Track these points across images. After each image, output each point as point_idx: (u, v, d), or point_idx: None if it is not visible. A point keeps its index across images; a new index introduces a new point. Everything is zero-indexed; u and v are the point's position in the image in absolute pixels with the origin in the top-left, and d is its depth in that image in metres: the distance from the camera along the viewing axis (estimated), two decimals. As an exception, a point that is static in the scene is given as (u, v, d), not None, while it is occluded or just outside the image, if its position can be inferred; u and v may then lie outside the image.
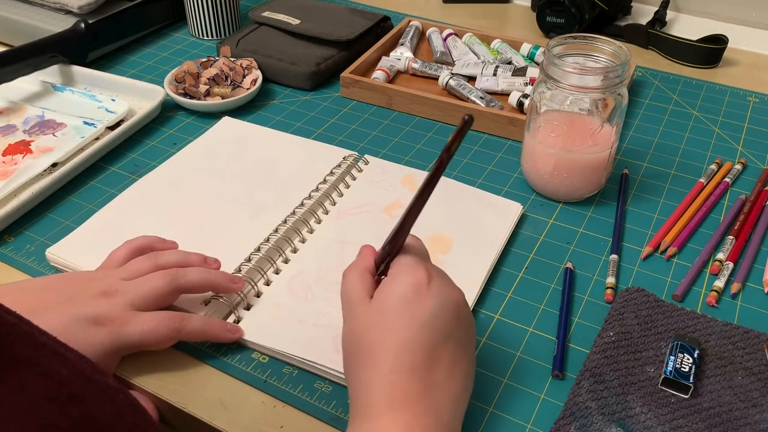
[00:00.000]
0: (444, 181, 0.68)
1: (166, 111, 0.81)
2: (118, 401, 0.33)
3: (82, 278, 0.52)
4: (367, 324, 0.43)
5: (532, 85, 0.82)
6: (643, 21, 0.99)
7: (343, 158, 0.71)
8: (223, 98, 0.80)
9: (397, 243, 0.45)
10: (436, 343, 0.42)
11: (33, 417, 0.26)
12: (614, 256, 0.61)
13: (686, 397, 0.48)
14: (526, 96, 0.80)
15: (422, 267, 0.44)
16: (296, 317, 0.54)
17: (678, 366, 0.49)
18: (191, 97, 0.80)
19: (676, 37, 0.93)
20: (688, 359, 0.49)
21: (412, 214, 0.44)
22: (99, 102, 0.80)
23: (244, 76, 0.84)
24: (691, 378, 0.48)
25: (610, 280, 0.58)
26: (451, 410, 0.42)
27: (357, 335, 0.43)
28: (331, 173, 0.69)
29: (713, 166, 0.72)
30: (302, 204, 0.65)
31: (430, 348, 0.42)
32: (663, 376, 0.49)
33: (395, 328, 0.42)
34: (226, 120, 0.78)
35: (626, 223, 0.66)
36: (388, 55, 0.89)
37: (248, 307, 0.55)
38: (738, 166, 0.72)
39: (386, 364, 0.41)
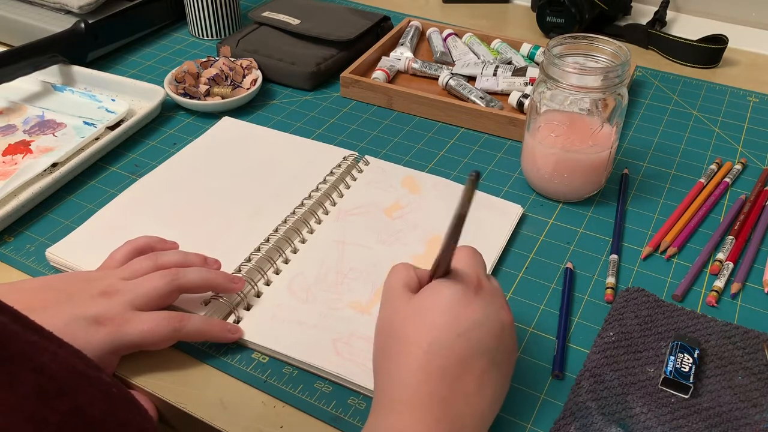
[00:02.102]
0: (442, 182, 0.69)
1: (166, 111, 0.81)
2: (112, 396, 0.33)
3: (82, 278, 0.52)
4: (404, 316, 0.43)
5: (532, 85, 0.82)
6: (643, 21, 0.99)
7: (343, 158, 0.71)
8: (223, 98, 0.80)
9: (446, 256, 0.44)
10: (470, 354, 0.42)
11: (22, 412, 0.26)
12: (614, 256, 0.61)
13: (686, 397, 0.48)
14: (526, 96, 0.80)
15: (474, 275, 0.44)
16: (296, 318, 0.54)
17: (678, 366, 0.49)
18: (191, 97, 0.80)
19: (676, 37, 0.93)
20: (688, 359, 0.49)
21: (454, 233, 0.42)
22: (99, 102, 0.80)
23: (244, 76, 0.84)
24: (691, 378, 0.48)
25: (610, 280, 0.58)
26: (473, 425, 0.41)
27: (392, 325, 0.43)
28: (331, 173, 0.69)
29: (713, 166, 0.72)
30: (302, 204, 0.65)
31: (463, 357, 0.41)
32: (663, 376, 0.49)
33: (433, 328, 0.42)
34: (226, 120, 0.78)
35: (626, 223, 0.66)
36: (388, 55, 0.89)
37: (248, 308, 0.55)
38: (738, 166, 0.72)
39: (416, 362, 0.41)
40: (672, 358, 0.49)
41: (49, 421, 0.27)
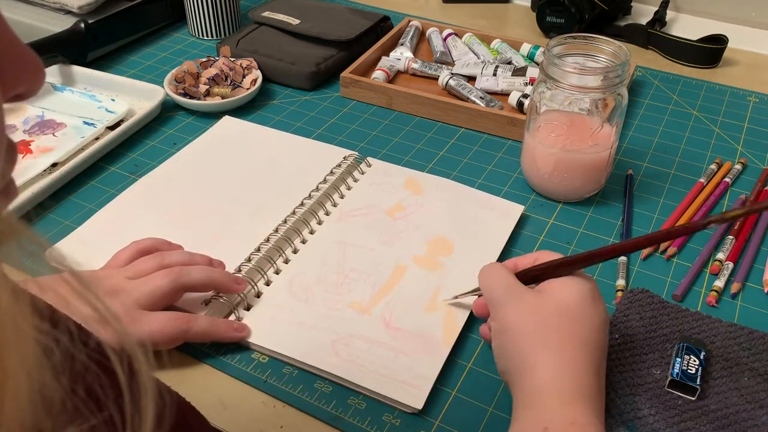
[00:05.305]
0: (445, 183, 0.69)
1: (166, 111, 0.81)
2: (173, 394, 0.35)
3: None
4: (546, 309, 0.45)
5: (532, 85, 0.82)
6: (643, 21, 0.99)
7: (344, 158, 0.71)
8: (223, 98, 0.80)
9: (567, 266, 0.48)
10: (603, 348, 0.46)
11: None
12: (623, 258, 0.60)
13: (693, 399, 0.48)
14: (526, 96, 0.79)
15: (591, 278, 0.48)
16: (297, 319, 0.54)
17: (684, 368, 0.49)
18: (191, 97, 0.80)
19: (676, 37, 0.93)
20: (695, 361, 0.49)
21: (601, 255, 0.47)
22: (99, 102, 0.79)
23: (244, 76, 0.84)
24: (698, 380, 0.48)
25: (620, 282, 0.58)
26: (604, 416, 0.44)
27: (534, 319, 0.45)
28: (331, 173, 0.69)
29: (713, 166, 0.72)
30: (302, 204, 0.65)
31: (602, 351, 0.45)
32: (670, 378, 0.48)
33: (580, 321, 0.45)
34: (227, 119, 0.78)
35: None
36: (388, 55, 0.89)
37: (248, 308, 0.55)
38: (738, 166, 0.72)
39: (576, 355, 0.43)
40: (678, 360, 0.49)
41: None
